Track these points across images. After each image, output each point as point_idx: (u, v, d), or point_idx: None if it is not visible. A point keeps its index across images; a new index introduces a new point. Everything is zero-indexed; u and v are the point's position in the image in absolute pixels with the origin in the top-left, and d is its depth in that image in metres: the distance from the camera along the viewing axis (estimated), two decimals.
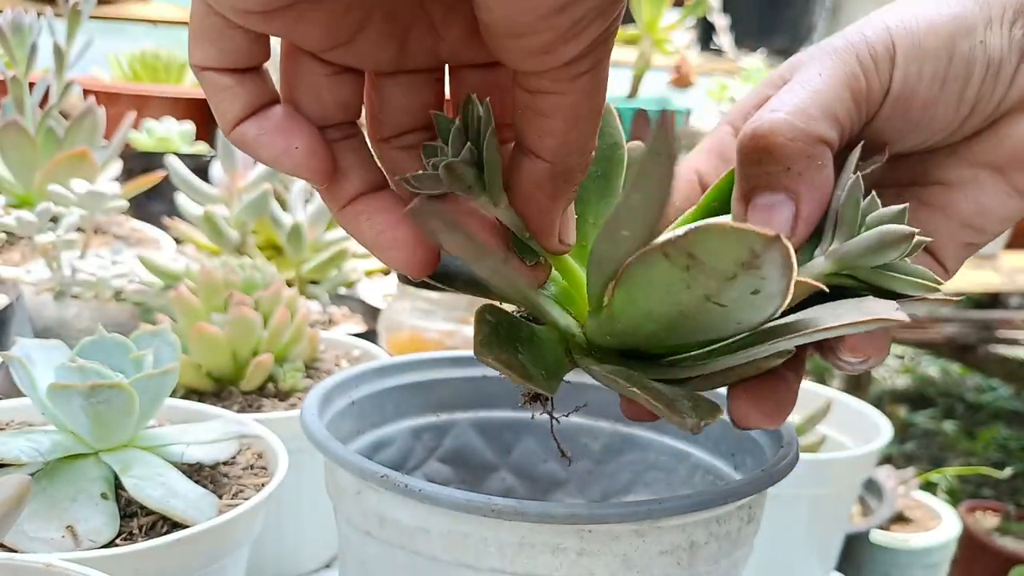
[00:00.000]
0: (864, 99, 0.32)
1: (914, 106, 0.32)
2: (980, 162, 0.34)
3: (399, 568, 0.35)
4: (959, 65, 0.32)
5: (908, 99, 0.32)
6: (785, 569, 0.63)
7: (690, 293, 0.26)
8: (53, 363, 0.46)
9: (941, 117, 0.32)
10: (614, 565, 0.33)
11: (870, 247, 0.30)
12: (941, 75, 0.32)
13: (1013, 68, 0.32)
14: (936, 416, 2.69)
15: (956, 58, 0.32)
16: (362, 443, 0.42)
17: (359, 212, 0.30)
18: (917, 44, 0.32)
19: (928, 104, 0.32)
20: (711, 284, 0.26)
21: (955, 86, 0.32)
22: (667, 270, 0.26)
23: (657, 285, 0.27)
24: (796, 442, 0.38)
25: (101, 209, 0.73)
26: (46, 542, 0.41)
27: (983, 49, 0.32)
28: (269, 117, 0.28)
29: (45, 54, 0.87)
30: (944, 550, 1.13)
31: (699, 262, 0.25)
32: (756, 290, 0.26)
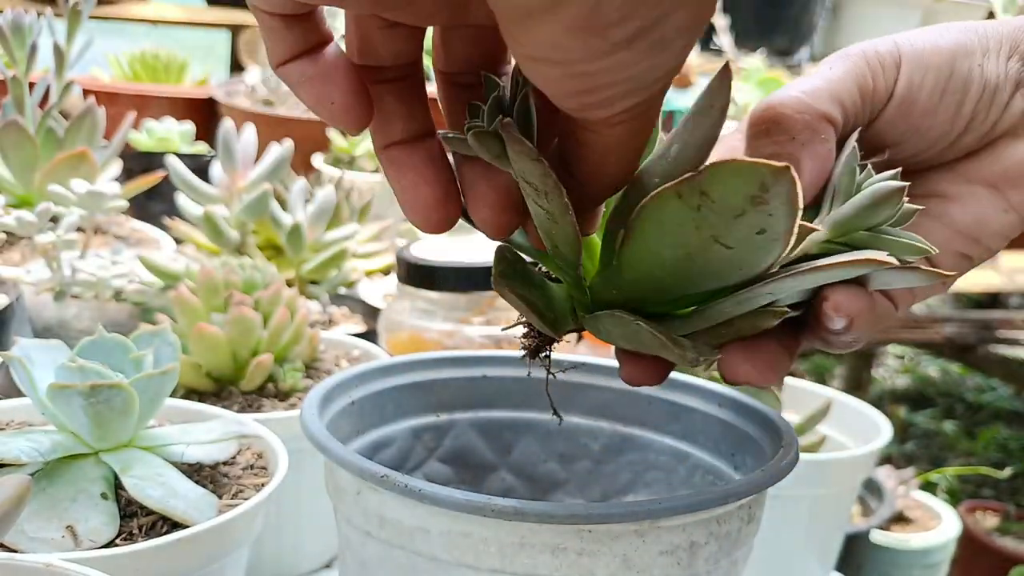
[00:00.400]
0: (870, 97, 0.34)
1: (915, 111, 0.34)
2: (976, 178, 0.36)
3: (399, 568, 0.35)
4: (957, 81, 0.34)
5: (910, 103, 0.34)
6: (785, 569, 0.63)
7: (699, 234, 0.27)
8: (53, 363, 0.46)
9: (939, 126, 0.35)
10: (614, 565, 0.33)
11: (863, 206, 0.31)
12: (941, 87, 0.34)
13: (1008, 95, 0.35)
14: (936, 416, 2.70)
15: (955, 74, 0.34)
16: (362, 443, 0.42)
17: (392, 159, 0.31)
18: (920, 57, 0.34)
19: (928, 111, 0.34)
20: (719, 223, 0.27)
21: (953, 99, 0.34)
22: (678, 210, 0.27)
23: (668, 225, 0.28)
24: (796, 442, 0.38)
25: (101, 209, 0.73)
26: (46, 542, 0.41)
27: (980, 72, 0.34)
28: (315, 62, 0.29)
29: (45, 54, 0.87)
30: (944, 550, 1.13)
31: (709, 200, 0.26)
32: (762, 229, 0.26)
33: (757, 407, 0.41)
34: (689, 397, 0.44)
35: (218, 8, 1.76)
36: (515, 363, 0.46)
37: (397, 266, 0.68)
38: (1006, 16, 1.42)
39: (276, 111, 1.30)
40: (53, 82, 0.88)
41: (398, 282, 0.69)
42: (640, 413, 0.45)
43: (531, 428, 0.46)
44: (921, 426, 2.62)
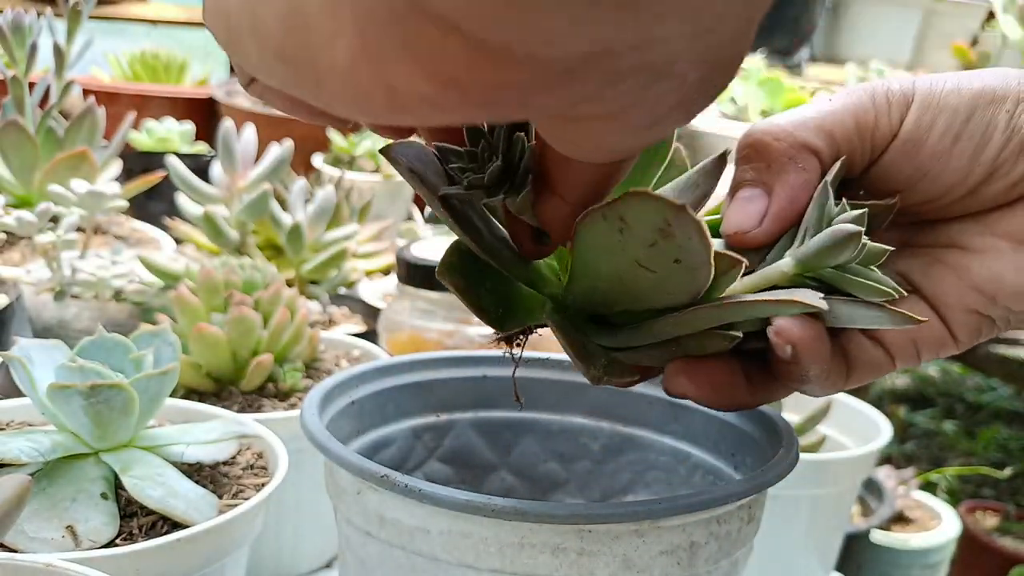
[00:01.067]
0: (870, 133, 0.33)
1: (922, 153, 0.33)
2: (1002, 232, 0.34)
3: (399, 568, 0.35)
4: (976, 126, 0.32)
5: (916, 145, 0.33)
6: (785, 569, 0.63)
7: (624, 256, 0.28)
8: (53, 363, 0.46)
9: (952, 171, 0.33)
10: (614, 565, 0.33)
11: (824, 246, 0.31)
12: (955, 130, 0.32)
13: None
14: (936, 416, 2.70)
15: (974, 119, 0.32)
16: (362, 443, 0.42)
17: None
18: (935, 98, 0.33)
19: (937, 154, 0.33)
20: (639, 249, 0.27)
21: (968, 144, 0.32)
22: (605, 231, 0.27)
23: (600, 246, 0.29)
24: (796, 442, 0.38)
25: (101, 209, 0.73)
26: (46, 542, 0.41)
27: (1008, 120, 0.32)
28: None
29: (45, 54, 0.87)
30: (944, 550, 1.13)
31: (628, 225, 0.27)
32: (677, 259, 0.27)
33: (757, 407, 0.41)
34: None
35: None
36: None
37: (397, 266, 0.68)
38: (1006, 17, 1.42)
39: (276, 111, 1.30)
40: (53, 82, 0.89)
41: (398, 282, 0.69)
42: (640, 413, 0.45)
43: (531, 428, 0.46)
44: (921, 426, 2.62)
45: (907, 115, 0.33)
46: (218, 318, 0.59)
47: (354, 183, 1.01)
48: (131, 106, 1.14)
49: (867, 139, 0.33)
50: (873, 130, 0.33)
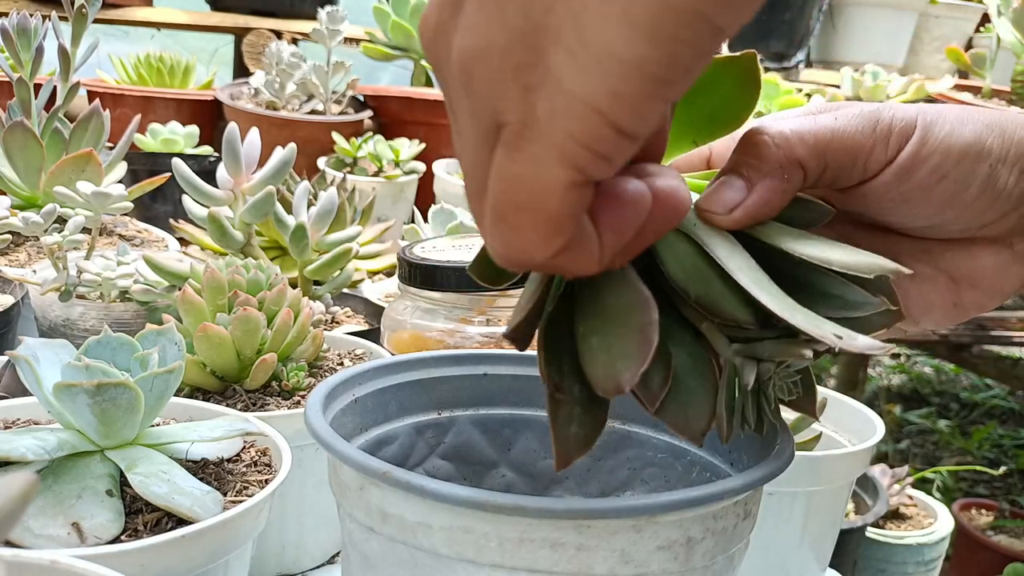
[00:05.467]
0: (863, 160, 0.35)
1: (910, 182, 0.35)
2: (943, 267, 0.37)
3: (401, 563, 0.35)
4: (963, 172, 0.35)
5: (907, 174, 0.35)
6: (780, 565, 0.64)
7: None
8: (59, 362, 0.46)
9: (930, 204, 0.35)
10: (612, 560, 0.33)
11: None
12: (944, 170, 0.35)
13: (1010, 207, 0.36)
14: (931, 415, 2.70)
15: (962, 166, 0.35)
16: (365, 440, 0.43)
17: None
18: (935, 137, 0.35)
19: (923, 188, 0.35)
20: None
21: (952, 187, 0.35)
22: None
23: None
24: (792, 439, 0.38)
25: (106, 210, 0.73)
26: (52, 539, 0.41)
27: (988, 174, 0.35)
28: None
29: (51, 57, 0.88)
30: (938, 547, 1.13)
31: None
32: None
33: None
34: None
35: (222, 12, 1.76)
36: (515, 361, 0.46)
37: (399, 266, 0.69)
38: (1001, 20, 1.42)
39: (280, 114, 1.31)
40: (59, 84, 0.89)
41: (400, 282, 0.69)
42: (638, 411, 0.45)
43: (531, 425, 0.46)
44: (916, 424, 2.63)
45: (905, 147, 0.35)
46: (223, 318, 0.59)
47: (357, 185, 1.02)
48: (136, 108, 1.14)
49: (860, 163, 0.35)
50: (868, 157, 0.35)
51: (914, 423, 2.62)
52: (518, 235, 0.26)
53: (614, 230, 0.28)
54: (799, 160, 0.34)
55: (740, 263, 0.33)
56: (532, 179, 0.25)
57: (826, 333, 0.31)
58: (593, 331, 0.32)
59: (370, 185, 1.18)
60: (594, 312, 0.32)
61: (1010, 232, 0.36)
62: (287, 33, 1.63)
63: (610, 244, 0.28)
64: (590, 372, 0.32)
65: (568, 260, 0.27)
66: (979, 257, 0.37)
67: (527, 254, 0.27)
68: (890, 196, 0.35)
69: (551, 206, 0.25)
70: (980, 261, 0.37)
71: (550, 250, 0.27)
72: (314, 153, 1.27)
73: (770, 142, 0.34)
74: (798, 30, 1.96)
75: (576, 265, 0.28)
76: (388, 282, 0.93)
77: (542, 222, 0.26)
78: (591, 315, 0.32)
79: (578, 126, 0.24)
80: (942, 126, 0.35)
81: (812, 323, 0.31)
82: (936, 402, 2.82)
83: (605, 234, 0.28)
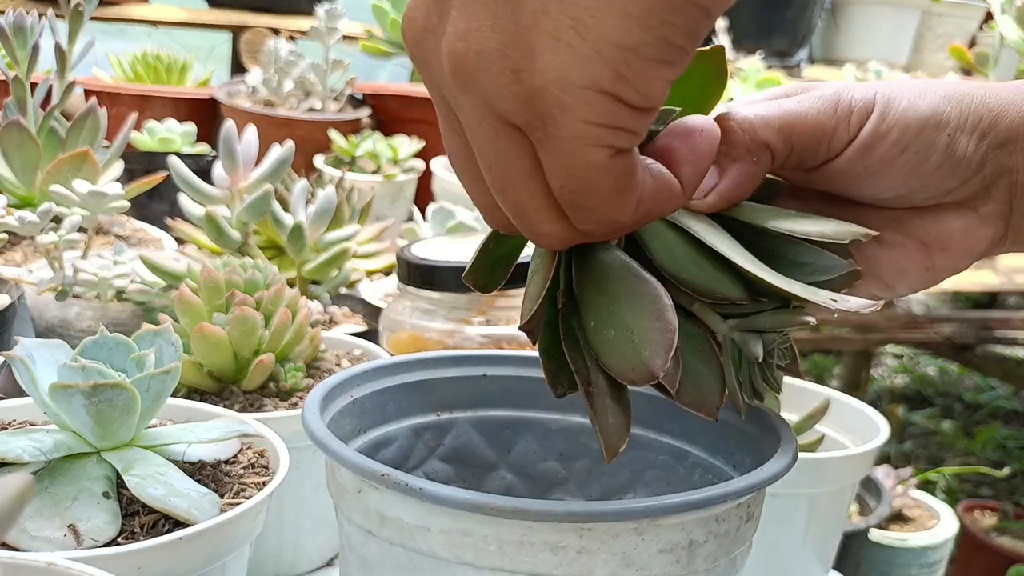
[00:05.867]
0: (827, 139, 0.37)
1: (873, 156, 0.37)
2: (914, 233, 0.39)
3: (399, 566, 0.35)
4: (923, 143, 0.37)
5: (870, 149, 0.37)
6: (784, 567, 0.64)
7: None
8: (55, 363, 0.46)
9: (894, 176, 0.37)
10: (613, 563, 0.33)
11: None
12: (905, 143, 0.37)
13: (971, 172, 0.37)
14: (934, 415, 2.70)
15: (922, 137, 0.37)
16: (363, 442, 0.42)
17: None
18: (893, 112, 0.37)
19: (886, 161, 0.37)
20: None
21: (913, 158, 0.37)
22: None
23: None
24: (794, 441, 0.38)
25: (103, 209, 0.73)
26: (48, 541, 0.41)
27: (948, 143, 0.37)
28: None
29: (47, 55, 0.87)
30: (942, 549, 1.13)
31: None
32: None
33: (755, 406, 0.42)
34: None
35: (219, 9, 1.76)
36: (515, 362, 0.46)
37: (398, 266, 0.68)
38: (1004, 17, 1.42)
39: (277, 112, 1.31)
40: (55, 83, 0.89)
41: (399, 282, 0.69)
42: (639, 412, 0.45)
43: (531, 427, 0.46)
44: (919, 425, 2.63)
45: (865, 124, 0.37)
46: (220, 318, 0.59)
47: (355, 184, 1.02)
48: (133, 107, 1.14)
49: (824, 142, 0.37)
50: (832, 137, 0.37)
51: (918, 424, 2.62)
52: (596, 212, 0.30)
53: (693, 161, 0.32)
54: (765, 142, 0.36)
55: (727, 244, 0.35)
56: (576, 166, 0.29)
57: (823, 299, 0.33)
58: (606, 323, 0.33)
59: (368, 184, 1.18)
60: (603, 304, 0.34)
61: (974, 196, 0.38)
62: (285, 31, 1.63)
63: (690, 176, 0.32)
64: (614, 364, 0.33)
65: (654, 205, 0.31)
66: (946, 222, 0.38)
67: (614, 222, 0.30)
68: (855, 171, 0.37)
69: (605, 179, 0.29)
70: (948, 225, 0.38)
71: (629, 209, 0.30)
72: (312, 151, 1.27)
73: (736, 128, 0.36)
74: (801, 27, 1.96)
75: (664, 205, 0.31)
76: (387, 282, 0.92)
77: (607, 194, 0.29)
78: (600, 307, 0.34)
79: (592, 111, 0.27)
80: (899, 101, 0.37)
81: (808, 291, 0.34)
82: (940, 403, 2.82)
83: (684, 168, 0.32)
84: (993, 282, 1.77)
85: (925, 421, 2.65)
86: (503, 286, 0.39)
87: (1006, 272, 1.77)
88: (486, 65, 0.27)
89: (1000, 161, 0.37)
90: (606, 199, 0.29)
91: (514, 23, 0.27)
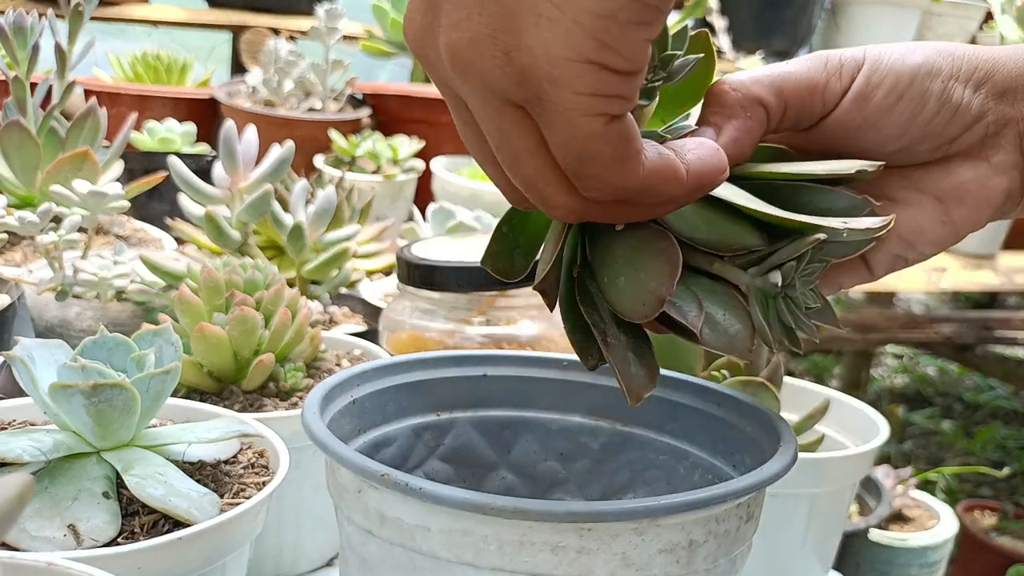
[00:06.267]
0: (821, 93, 0.38)
1: (869, 106, 0.38)
2: (926, 188, 0.39)
3: (399, 566, 0.35)
4: (916, 90, 0.37)
5: (865, 98, 0.38)
6: (783, 567, 0.63)
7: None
8: (55, 363, 0.46)
9: (893, 125, 0.38)
10: (613, 563, 0.33)
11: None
12: (899, 91, 0.37)
13: (971, 119, 0.38)
14: (934, 415, 2.70)
15: (915, 85, 0.37)
16: (363, 442, 0.42)
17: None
18: (883, 63, 0.38)
19: (883, 109, 0.38)
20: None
21: (909, 105, 0.37)
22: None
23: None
24: (794, 441, 0.38)
25: (103, 209, 0.73)
26: (48, 541, 0.41)
27: (943, 90, 0.37)
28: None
29: (47, 55, 0.87)
30: (942, 549, 1.13)
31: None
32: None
33: (756, 406, 0.42)
34: (688, 396, 0.44)
35: (219, 9, 1.76)
36: (515, 362, 0.46)
37: (398, 266, 0.68)
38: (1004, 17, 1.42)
39: (277, 112, 1.31)
40: (55, 83, 0.89)
41: (399, 282, 0.69)
42: (639, 412, 0.45)
43: (531, 427, 0.46)
44: (919, 425, 2.63)
45: (857, 76, 0.38)
46: (220, 318, 0.59)
47: (355, 184, 1.02)
48: (133, 107, 1.14)
49: (818, 97, 0.38)
50: (824, 90, 0.38)
51: (918, 424, 2.62)
52: (600, 179, 0.31)
53: (698, 151, 0.33)
54: (758, 98, 0.37)
55: (735, 192, 0.35)
56: (574, 137, 0.30)
57: (833, 223, 0.34)
58: (617, 275, 0.35)
59: (368, 184, 1.18)
60: (615, 259, 0.35)
61: (982, 145, 0.38)
62: (285, 31, 1.63)
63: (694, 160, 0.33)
64: (625, 305, 0.35)
65: (659, 183, 0.32)
66: (957, 173, 0.38)
67: (619, 188, 0.31)
68: (854, 124, 0.38)
69: (604, 147, 0.30)
70: (959, 177, 0.38)
71: (634, 175, 0.31)
72: (312, 151, 1.27)
73: (728, 88, 0.37)
74: (800, 28, 1.96)
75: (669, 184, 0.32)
76: (387, 282, 0.92)
77: (608, 161, 0.30)
78: (612, 265, 0.35)
79: (581, 82, 0.28)
80: (890, 55, 0.38)
81: (818, 219, 0.35)
82: (940, 403, 2.82)
83: (689, 155, 0.33)
84: (993, 282, 1.77)
85: (925, 421, 2.65)
86: (517, 282, 0.39)
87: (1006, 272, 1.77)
88: (480, 50, 0.29)
89: (1002, 111, 0.38)
90: (608, 166, 0.30)
91: (499, 5, 0.28)
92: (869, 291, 2.18)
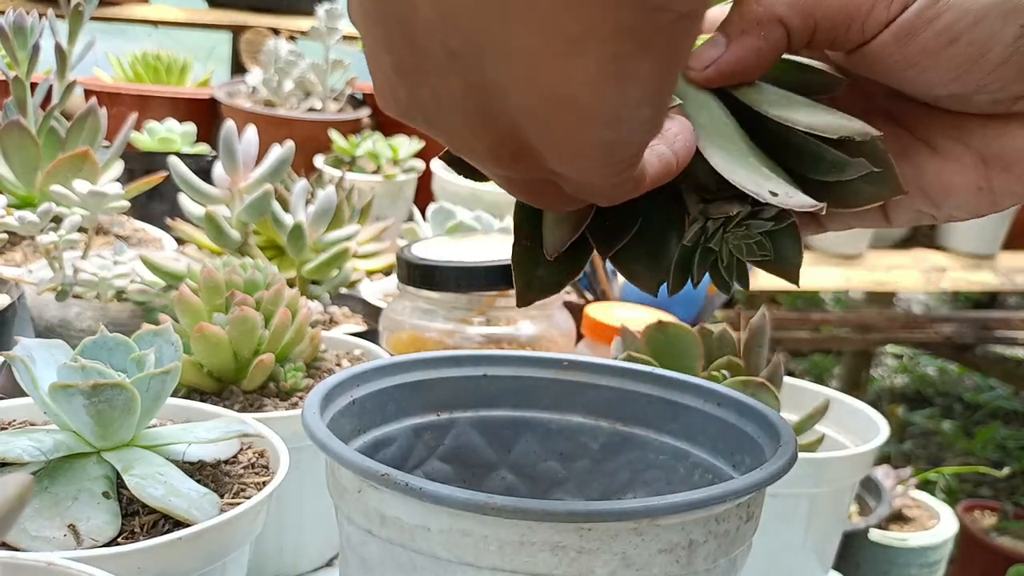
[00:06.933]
0: (860, 18, 0.32)
1: (913, 45, 0.32)
2: (972, 144, 0.34)
3: (400, 566, 0.35)
4: (981, 33, 0.31)
5: (910, 35, 0.32)
6: (783, 567, 0.64)
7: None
8: (55, 363, 0.46)
9: (940, 71, 0.32)
10: (613, 563, 0.33)
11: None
12: (956, 32, 0.31)
13: None
14: (934, 415, 2.70)
15: (982, 26, 0.31)
16: (363, 442, 0.42)
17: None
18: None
19: (929, 52, 0.32)
20: None
21: (967, 51, 0.31)
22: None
23: None
24: (794, 441, 0.38)
25: (103, 209, 0.73)
26: (48, 541, 0.41)
27: (1016, 35, 0.31)
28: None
29: (47, 55, 0.88)
30: (942, 549, 1.13)
31: None
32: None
33: (756, 406, 0.42)
34: (688, 396, 0.44)
35: (219, 9, 1.76)
36: (515, 362, 0.46)
37: (398, 266, 0.68)
38: None
39: (277, 112, 1.31)
40: (55, 83, 0.89)
41: (399, 282, 0.69)
42: (639, 412, 0.45)
43: (531, 427, 0.46)
44: (919, 425, 2.63)
45: (911, 5, 0.31)
46: (220, 318, 0.59)
47: (355, 184, 1.02)
48: (133, 107, 1.14)
49: (857, 24, 0.32)
50: (867, 17, 0.32)
51: (918, 424, 2.62)
52: (611, 200, 0.29)
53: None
54: (779, 17, 0.32)
55: (706, 122, 0.32)
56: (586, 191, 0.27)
57: (762, 191, 0.30)
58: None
59: (368, 184, 1.18)
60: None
61: None
62: (285, 30, 1.63)
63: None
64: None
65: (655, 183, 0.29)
66: (1014, 136, 0.33)
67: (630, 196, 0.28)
68: (893, 60, 0.32)
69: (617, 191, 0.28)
70: (1015, 141, 0.33)
71: (641, 188, 0.28)
72: (312, 151, 1.27)
73: (751, 2, 0.33)
74: None
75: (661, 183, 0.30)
76: (387, 282, 0.92)
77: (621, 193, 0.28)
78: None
79: (593, 174, 0.25)
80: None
81: (752, 181, 0.31)
82: (940, 403, 2.82)
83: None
84: (993, 282, 1.77)
85: (925, 421, 2.65)
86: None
87: (1006, 272, 1.77)
88: (481, 162, 0.27)
89: None
90: (619, 196, 0.29)
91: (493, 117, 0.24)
92: (869, 291, 2.18)
